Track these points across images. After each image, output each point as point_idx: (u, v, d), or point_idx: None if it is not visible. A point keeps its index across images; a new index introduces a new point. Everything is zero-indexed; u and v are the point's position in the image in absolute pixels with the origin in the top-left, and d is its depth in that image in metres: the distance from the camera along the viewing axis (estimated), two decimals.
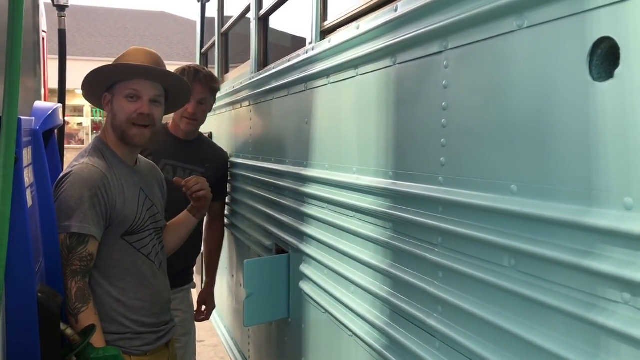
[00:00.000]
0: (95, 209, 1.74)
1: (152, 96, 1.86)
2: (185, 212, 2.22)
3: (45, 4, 3.64)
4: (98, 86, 1.89)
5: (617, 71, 0.86)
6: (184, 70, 2.71)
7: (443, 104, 1.31)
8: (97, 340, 1.69)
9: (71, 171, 1.77)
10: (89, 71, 1.86)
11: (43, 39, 3.96)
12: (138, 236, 1.87)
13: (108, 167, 1.82)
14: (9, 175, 1.24)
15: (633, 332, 0.81)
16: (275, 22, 3.02)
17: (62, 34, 3.04)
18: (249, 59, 3.10)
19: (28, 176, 1.48)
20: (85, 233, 1.71)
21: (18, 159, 1.32)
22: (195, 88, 2.67)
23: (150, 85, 1.86)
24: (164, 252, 2.04)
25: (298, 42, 2.56)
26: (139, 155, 2.05)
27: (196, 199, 2.18)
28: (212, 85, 2.77)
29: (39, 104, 1.95)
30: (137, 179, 1.92)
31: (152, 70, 1.85)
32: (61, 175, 1.79)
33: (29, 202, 1.45)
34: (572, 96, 0.95)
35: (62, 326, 1.56)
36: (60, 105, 2.24)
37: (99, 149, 1.87)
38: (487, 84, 1.17)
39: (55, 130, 2.18)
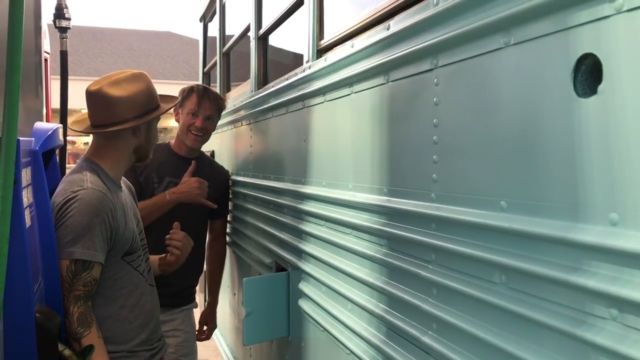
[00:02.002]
0: (102, 235, 1.72)
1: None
2: (156, 258, 2.15)
3: (50, 26, 3.69)
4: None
5: (601, 87, 0.86)
6: (192, 88, 2.80)
7: (434, 120, 1.32)
8: None
9: (77, 195, 1.72)
10: None
11: (46, 60, 4.00)
12: (134, 255, 1.88)
13: (109, 190, 1.81)
14: (8, 196, 1.25)
15: (621, 348, 0.81)
16: (275, 40, 3.05)
17: (63, 55, 3.09)
18: (249, 77, 3.13)
19: (27, 196, 1.49)
20: (90, 260, 1.70)
21: (17, 180, 1.33)
22: (204, 104, 2.74)
23: None
24: (152, 269, 2.04)
25: (298, 60, 2.58)
26: None
27: (170, 252, 2.14)
28: (219, 103, 2.85)
29: (39, 124, 1.97)
30: (125, 198, 1.94)
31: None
32: (64, 197, 1.73)
33: (28, 222, 1.46)
34: (558, 112, 0.95)
35: (60, 347, 1.56)
36: (60, 125, 2.26)
37: (95, 170, 1.84)
38: (476, 101, 1.18)
39: (57, 150, 2.21)
